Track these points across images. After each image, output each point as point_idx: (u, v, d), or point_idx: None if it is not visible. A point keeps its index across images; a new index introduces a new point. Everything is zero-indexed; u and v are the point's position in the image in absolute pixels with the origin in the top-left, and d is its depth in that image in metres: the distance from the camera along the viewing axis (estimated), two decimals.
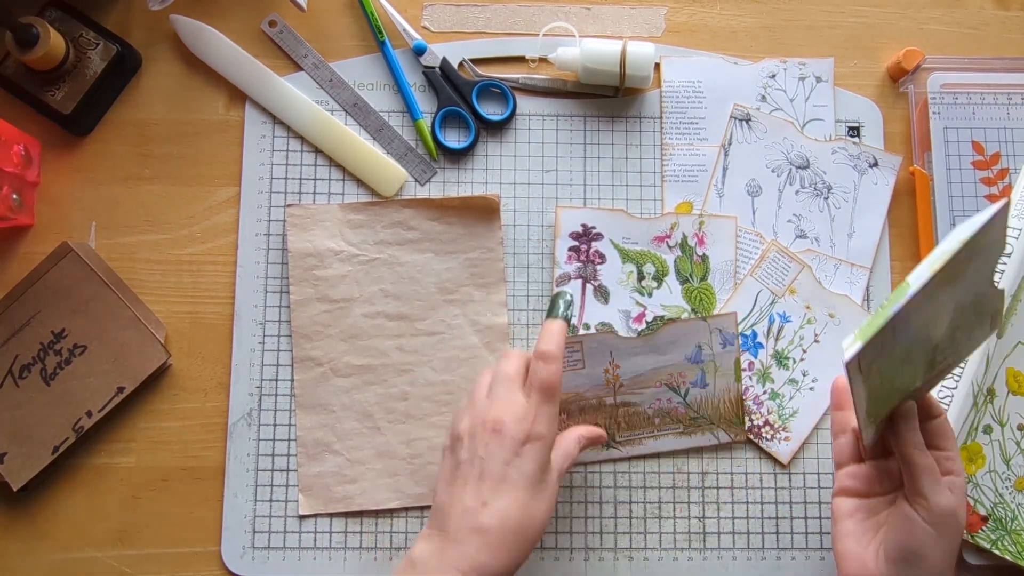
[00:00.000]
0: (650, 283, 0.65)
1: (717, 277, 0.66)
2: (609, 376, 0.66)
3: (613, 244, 0.66)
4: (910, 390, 0.52)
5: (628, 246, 0.66)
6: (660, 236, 0.66)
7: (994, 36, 0.73)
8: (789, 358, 0.67)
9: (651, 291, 0.65)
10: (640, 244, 0.66)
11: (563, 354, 0.55)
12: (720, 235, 0.66)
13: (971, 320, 0.51)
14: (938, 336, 0.50)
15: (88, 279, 0.65)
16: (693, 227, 0.66)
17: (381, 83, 0.71)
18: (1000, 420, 0.65)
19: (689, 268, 0.66)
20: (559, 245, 0.65)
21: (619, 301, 0.65)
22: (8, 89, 0.68)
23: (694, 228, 0.66)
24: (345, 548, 0.65)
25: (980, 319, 0.53)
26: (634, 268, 0.66)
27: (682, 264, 0.66)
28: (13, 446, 0.64)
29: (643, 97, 0.71)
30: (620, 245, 0.66)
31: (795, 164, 0.69)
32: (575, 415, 0.66)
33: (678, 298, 0.65)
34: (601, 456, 0.66)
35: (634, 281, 0.66)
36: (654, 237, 0.66)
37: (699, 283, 0.66)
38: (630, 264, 0.65)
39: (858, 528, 0.53)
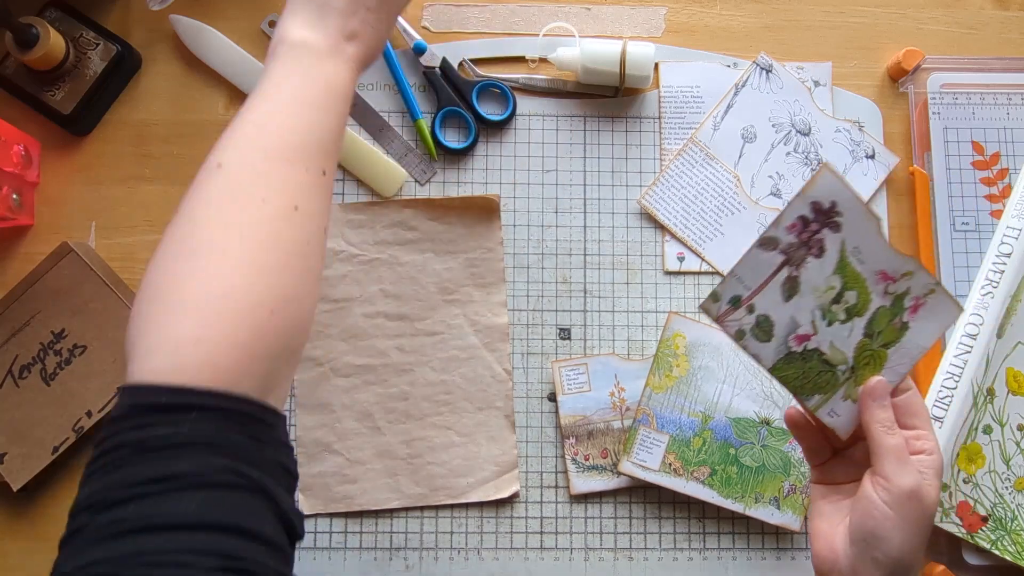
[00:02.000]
0: (839, 312, 0.53)
1: (897, 354, 0.54)
2: (615, 399, 0.66)
3: (842, 247, 0.52)
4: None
5: (853, 261, 0.53)
6: (887, 275, 0.53)
7: (994, 36, 0.73)
8: None
9: (833, 320, 0.53)
10: (865, 267, 0.53)
11: None
12: (936, 317, 0.54)
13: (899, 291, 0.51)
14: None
15: (88, 279, 0.65)
16: (921, 290, 0.53)
17: (381, 83, 0.71)
18: (1000, 420, 0.65)
19: (883, 326, 0.54)
20: (795, 204, 0.51)
21: (798, 307, 0.53)
22: (8, 89, 0.68)
23: (921, 291, 0.54)
24: (345, 548, 0.65)
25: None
26: (839, 286, 0.53)
27: (881, 317, 0.54)
28: (13, 446, 0.64)
29: (643, 97, 0.71)
30: (847, 254, 0.53)
31: (797, 128, 0.69)
32: (583, 439, 0.65)
33: (851, 346, 0.53)
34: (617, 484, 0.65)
35: (828, 299, 0.53)
36: (880, 271, 0.53)
37: (878, 346, 0.54)
38: (838, 278, 0.53)
39: (830, 508, 0.53)
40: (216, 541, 0.36)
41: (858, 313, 0.53)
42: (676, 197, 0.69)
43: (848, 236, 0.52)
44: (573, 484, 0.65)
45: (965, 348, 0.64)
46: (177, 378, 0.39)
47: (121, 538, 0.35)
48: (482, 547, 0.65)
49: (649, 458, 0.64)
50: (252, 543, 0.37)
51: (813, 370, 0.54)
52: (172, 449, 0.37)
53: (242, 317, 0.41)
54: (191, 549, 0.35)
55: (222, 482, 0.38)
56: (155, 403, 0.38)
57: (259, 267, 0.42)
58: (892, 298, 0.53)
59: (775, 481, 0.64)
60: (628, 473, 0.64)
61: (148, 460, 0.37)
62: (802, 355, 0.53)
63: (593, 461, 0.65)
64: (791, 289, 0.52)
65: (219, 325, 0.40)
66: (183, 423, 0.38)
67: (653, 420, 0.65)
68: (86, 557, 0.35)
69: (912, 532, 0.49)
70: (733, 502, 0.64)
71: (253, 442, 0.40)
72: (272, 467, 0.40)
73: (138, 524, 0.35)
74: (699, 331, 0.65)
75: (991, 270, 0.65)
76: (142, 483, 0.36)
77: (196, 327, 0.40)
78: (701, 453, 0.64)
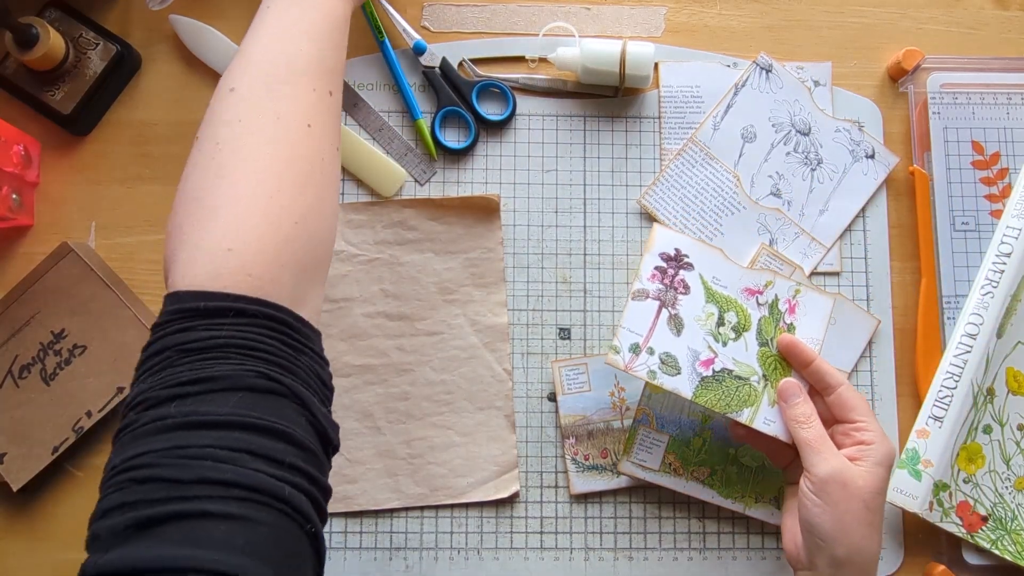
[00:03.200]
0: (728, 332, 0.60)
1: None
2: (615, 399, 0.66)
3: (702, 280, 0.61)
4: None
5: (717, 287, 0.61)
6: (752, 289, 0.61)
7: (993, 36, 0.73)
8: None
9: (726, 340, 0.60)
10: (729, 290, 0.61)
11: None
12: (813, 310, 0.61)
13: None
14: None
15: (88, 279, 0.65)
16: (788, 293, 0.61)
17: (381, 83, 0.71)
18: (1000, 420, 0.65)
19: (772, 333, 0.61)
20: (647, 260, 0.60)
21: (691, 338, 0.60)
22: (8, 89, 0.68)
23: (788, 294, 0.61)
24: (345, 548, 0.65)
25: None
26: (716, 311, 0.60)
27: (766, 326, 0.61)
28: (13, 446, 0.64)
29: (643, 97, 0.71)
30: (709, 283, 0.61)
31: (797, 127, 0.69)
32: (583, 439, 0.65)
33: (752, 358, 0.60)
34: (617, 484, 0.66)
35: (712, 324, 0.60)
36: (745, 288, 0.61)
37: (777, 351, 0.60)
38: (713, 305, 0.61)
39: (793, 504, 0.57)
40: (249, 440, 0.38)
41: (745, 329, 0.60)
42: (676, 197, 0.69)
43: (702, 270, 0.61)
44: (573, 484, 0.65)
45: (965, 348, 0.64)
46: (214, 284, 0.42)
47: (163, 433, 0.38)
48: (482, 547, 0.65)
49: (649, 458, 0.64)
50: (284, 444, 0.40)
51: (731, 388, 0.59)
52: (211, 351, 0.40)
53: (269, 226, 0.44)
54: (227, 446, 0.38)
55: (256, 386, 0.40)
56: (195, 307, 0.41)
57: (281, 180, 0.45)
58: (767, 307, 0.61)
59: (775, 481, 0.64)
60: (628, 473, 0.64)
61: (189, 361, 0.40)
62: (715, 377, 0.59)
63: (593, 461, 0.65)
64: (677, 325, 0.60)
65: (249, 235, 0.43)
66: (223, 327, 0.41)
67: (653, 420, 0.65)
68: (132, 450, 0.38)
69: (841, 515, 0.52)
70: (733, 502, 0.64)
71: (289, 349, 0.42)
72: (307, 375, 0.43)
73: (179, 422, 0.38)
74: None
75: (991, 270, 0.65)
76: (183, 383, 0.39)
77: (228, 237, 0.43)
78: (701, 453, 0.64)
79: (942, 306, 0.68)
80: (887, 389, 0.67)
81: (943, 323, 0.68)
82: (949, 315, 0.68)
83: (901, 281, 0.69)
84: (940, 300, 0.68)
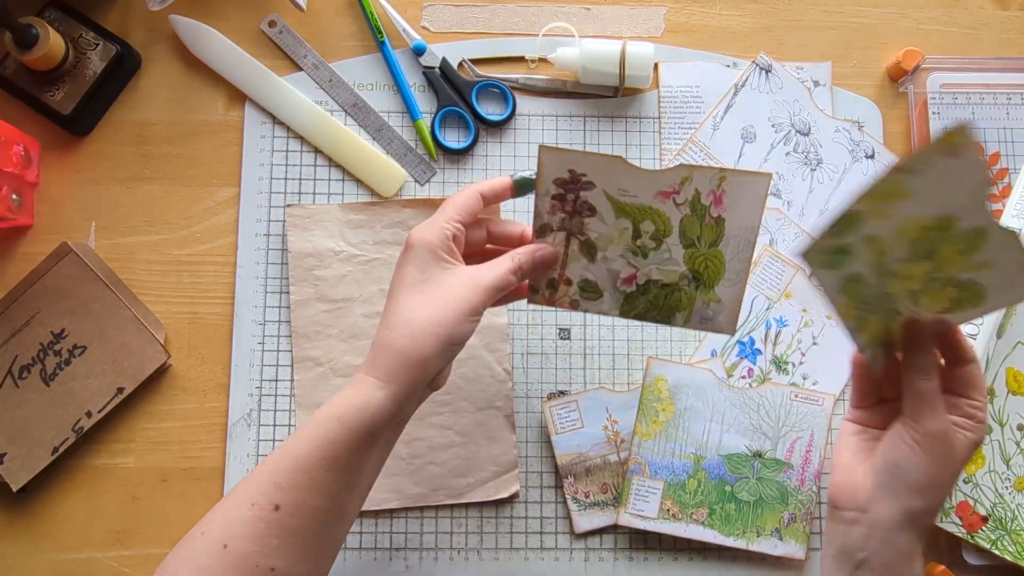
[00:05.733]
0: (647, 243, 0.56)
1: (731, 246, 0.56)
2: (609, 433, 0.66)
3: (607, 195, 0.55)
4: (899, 305, 0.52)
5: (625, 199, 0.55)
6: (666, 191, 0.55)
7: (993, 36, 0.73)
8: (788, 362, 0.67)
9: (647, 252, 0.56)
10: (640, 198, 0.55)
11: (490, 191, 0.56)
12: (744, 197, 0.54)
13: (966, 248, 0.50)
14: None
15: (88, 279, 0.65)
16: (711, 184, 0.54)
17: (381, 83, 0.71)
18: (1000, 420, 0.65)
19: (698, 231, 0.55)
20: (541, 193, 0.55)
21: (608, 259, 0.56)
22: (8, 89, 0.68)
23: (711, 185, 0.54)
24: (345, 548, 0.65)
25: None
26: (629, 224, 0.55)
27: (689, 225, 0.55)
28: (13, 446, 0.64)
29: (642, 97, 0.71)
30: (615, 197, 0.55)
31: (796, 128, 0.69)
32: (581, 477, 0.65)
33: (678, 262, 0.56)
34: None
35: (628, 239, 0.56)
36: (658, 192, 0.55)
37: (707, 249, 0.56)
38: (625, 219, 0.55)
39: (856, 443, 0.55)
40: None
41: (665, 235, 0.56)
42: None
43: (605, 185, 0.55)
44: (576, 523, 0.65)
45: None
46: None
47: None
48: (482, 547, 0.65)
49: (646, 507, 0.64)
50: None
51: (659, 297, 0.57)
52: None
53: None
54: None
55: None
56: None
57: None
58: (687, 206, 0.55)
59: (774, 513, 0.64)
60: (627, 524, 0.64)
61: None
62: (640, 290, 0.57)
63: (594, 498, 0.65)
64: (590, 249, 0.57)
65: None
66: None
67: (645, 468, 0.64)
68: None
69: (935, 469, 0.51)
70: (735, 539, 0.63)
71: None
72: None
73: None
74: (680, 372, 0.65)
75: None
76: None
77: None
78: (697, 495, 0.64)
79: None
80: None
81: None
82: None
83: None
84: None
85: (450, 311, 0.50)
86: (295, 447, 0.49)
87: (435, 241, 0.52)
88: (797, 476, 0.64)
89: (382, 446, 0.52)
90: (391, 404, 0.50)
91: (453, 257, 0.53)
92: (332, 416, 0.50)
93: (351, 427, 0.49)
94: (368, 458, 0.51)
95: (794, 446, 0.64)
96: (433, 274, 0.52)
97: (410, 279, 0.52)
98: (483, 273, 0.52)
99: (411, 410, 0.54)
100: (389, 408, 0.50)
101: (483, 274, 0.52)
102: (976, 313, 0.51)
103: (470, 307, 0.51)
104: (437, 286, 0.51)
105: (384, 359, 0.50)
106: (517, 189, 0.57)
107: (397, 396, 0.50)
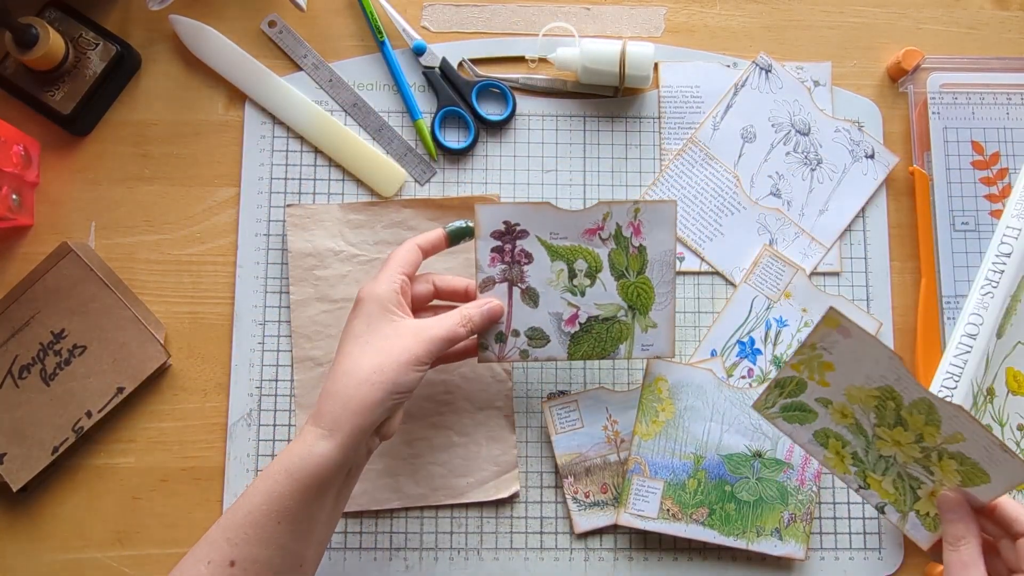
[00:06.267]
0: (582, 281, 0.60)
1: (655, 269, 0.61)
2: (609, 432, 0.66)
3: (540, 241, 0.59)
4: (913, 472, 0.53)
5: (557, 242, 0.59)
6: (591, 229, 0.60)
7: (993, 36, 0.73)
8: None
9: (583, 290, 0.60)
10: (570, 239, 0.59)
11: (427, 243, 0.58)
12: (658, 221, 0.60)
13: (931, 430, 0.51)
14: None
15: (88, 279, 0.65)
16: (628, 216, 0.60)
17: (381, 83, 0.71)
18: (1000, 420, 0.65)
19: (625, 262, 0.60)
20: (480, 247, 0.59)
21: (549, 303, 0.60)
22: (8, 89, 0.68)
23: (629, 217, 0.60)
24: (345, 548, 0.65)
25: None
26: (564, 266, 0.60)
27: (617, 258, 0.60)
28: (13, 446, 0.64)
29: (642, 97, 0.71)
30: (547, 242, 0.59)
31: (796, 127, 0.69)
32: (581, 477, 0.65)
33: (613, 295, 0.60)
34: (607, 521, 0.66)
35: (565, 280, 0.60)
36: (585, 230, 0.60)
37: (636, 278, 0.60)
38: (560, 262, 0.60)
39: None
40: None
41: (597, 270, 0.60)
42: (676, 197, 0.69)
43: (537, 231, 0.59)
44: (576, 523, 0.65)
45: (965, 348, 0.64)
46: None
47: None
48: (482, 547, 0.65)
49: (646, 507, 0.64)
50: None
51: (601, 333, 0.61)
52: None
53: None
54: None
55: None
56: None
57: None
58: (612, 239, 0.60)
59: (774, 513, 0.64)
60: (627, 524, 0.64)
61: None
62: (584, 329, 0.61)
63: (594, 498, 0.65)
64: (532, 297, 0.60)
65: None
66: None
67: (645, 468, 0.64)
68: None
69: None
70: (735, 539, 0.63)
71: None
72: None
73: None
74: (680, 372, 0.65)
75: (991, 270, 0.65)
76: None
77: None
78: (697, 494, 0.64)
79: (942, 306, 0.68)
80: None
81: (943, 323, 0.68)
82: (949, 315, 0.68)
83: (901, 281, 0.69)
84: (940, 300, 0.68)
85: (393, 360, 0.53)
86: (246, 502, 0.50)
87: (383, 295, 0.55)
88: (797, 476, 0.64)
89: (334, 494, 0.53)
90: (337, 453, 0.51)
91: (401, 310, 0.55)
92: (279, 469, 0.51)
93: (297, 479, 0.50)
94: (320, 507, 0.52)
95: (794, 446, 0.64)
96: (379, 327, 0.54)
97: (357, 331, 0.54)
98: (428, 325, 0.55)
99: (361, 459, 0.55)
100: (335, 457, 0.51)
101: (428, 326, 0.55)
102: (993, 490, 0.50)
103: (413, 357, 0.53)
104: (383, 338, 0.54)
105: (328, 409, 0.52)
106: (451, 239, 0.59)
107: (343, 445, 0.51)
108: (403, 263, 0.57)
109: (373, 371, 0.52)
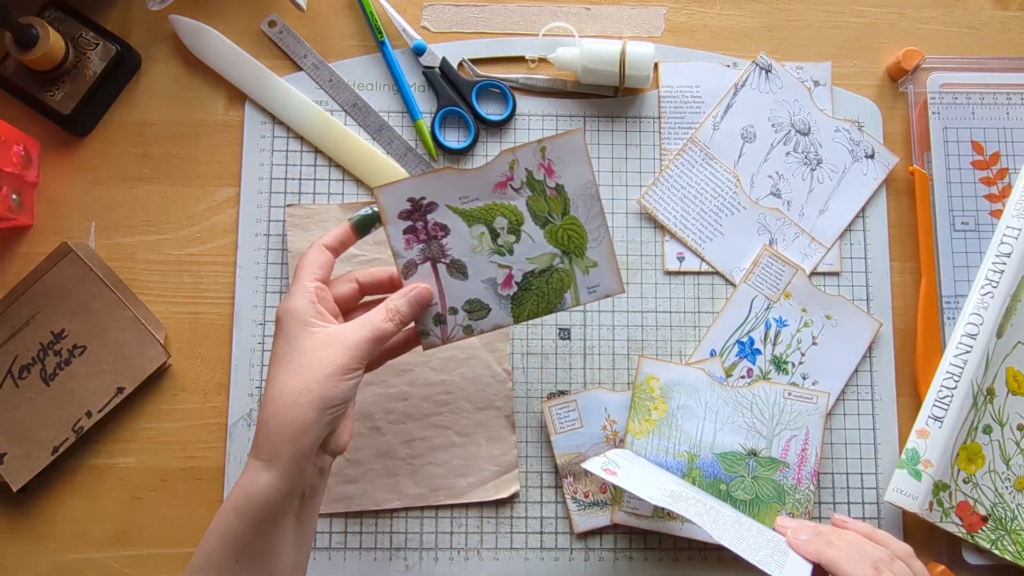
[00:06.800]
0: (507, 238, 0.56)
1: (580, 206, 0.57)
2: (608, 432, 0.66)
3: (452, 209, 0.55)
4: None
5: (469, 205, 0.56)
6: (501, 182, 0.56)
7: (993, 36, 0.73)
8: (788, 362, 0.67)
9: (511, 247, 0.56)
10: (482, 199, 0.56)
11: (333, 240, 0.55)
12: (569, 156, 0.56)
13: None
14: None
15: (88, 279, 0.65)
16: (535, 158, 0.56)
17: (381, 83, 0.71)
18: (1000, 420, 0.65)
19: (545, 207, 0.56)
20: (392, 232, 0.55)
21: (479, 271, 0.56)
22: (8, 89, 0.68)
23: (537, 159, 0.56)
24: (345, 548, 0.65)
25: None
26: (484, 228, 0.56)
27: (536, 204, 0.56)
28: (13, 446, 0.64)
29: (642, 97, 0.71)
30: (459, 208, 0.56)
31: (796, 127, 0.69)
32: (581, 477, 0.65)
33: (543, 244, 0.56)
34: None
35: (488, 242, 0.56)
36: (495, 185, 0.56)
37: (562, 220, 0.56)
38: (478, 225, 0.56)
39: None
40: None
41: (519, 223, 0.57)
42: (676, 197, 0.69)
43: (446, 199, 0.56)
44: (576, 523, 0.65)
45: (965, 348, 0.64)
46: None
47: None
48: (482, 547, 0.65)
49: (641, 505, 0.64)
50: None
51: (541, 287, 0.57)
52: None
53: None
54: None
55: None
56: None
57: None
58: (525, 187, 0.56)
59: (771, 511, 0.64)
60: (622, 523, 0.64)
61: None
62: (521, 288, 0.57)
63: (593, 497, 0.65)
64: (459, 269, 0.56)
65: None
66: None
67: None
68: None
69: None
70: None
71: None
72: None
73: None
74: (672, 371, 0.65)
75: (991, 270, 0.65)
76: None
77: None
78: None
79: (942, 306, 0.68)
80: (887, 389, 0.67)
81: (943, 323, 0.68)
82: (949, 315, 0.68)
83: (901, 281, 0.69)
84: (940, 300, 0.68)
85: (316, 375, 0.49)
86: (204, 545, 0.50)
87: (298, 308, 0.51)
88: (794, 475, 0.64)
89: (292, 521, 0.51)
90: (280, 482, 0.49)
91: (322, 319, 0.52)
92: (228, 508, 0.49)
93: (246, 515, 0.49)
94: (279, 536, 0.50)
95: (789, 444, 0.64)
96: (299, 343, 0.51)
97: (279, 353, 0.51)
98: (349, 329, 0.51)
99: (313, 480, 0.53)
100: (279, 487, 0.49)
101: (349, 330, 0.51)
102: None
103: (339, 367, 0.50)
104: (303, 354, 0.50)
105: (263, 438, 0.50)
106: (358, 229, 0.56)
107: (285, 473, 0.49)
108: (312, 269, 0.53)
109: (299, 392, 0.49)
